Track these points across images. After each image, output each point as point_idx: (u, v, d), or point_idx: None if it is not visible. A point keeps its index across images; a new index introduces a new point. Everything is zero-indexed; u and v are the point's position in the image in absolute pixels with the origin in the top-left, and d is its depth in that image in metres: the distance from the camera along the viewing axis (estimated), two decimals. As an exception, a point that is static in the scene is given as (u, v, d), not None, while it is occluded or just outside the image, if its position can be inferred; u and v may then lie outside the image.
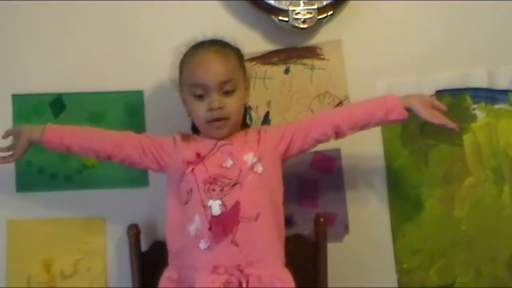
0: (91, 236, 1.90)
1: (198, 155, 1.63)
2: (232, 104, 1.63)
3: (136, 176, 1.89)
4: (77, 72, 1.90)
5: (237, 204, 1.59)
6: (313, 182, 1.93)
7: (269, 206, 1.63)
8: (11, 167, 1.88)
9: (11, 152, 1.70)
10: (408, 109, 1.66)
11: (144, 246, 1.85)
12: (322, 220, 1.83)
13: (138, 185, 1.91)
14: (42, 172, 1.90)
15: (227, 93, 1.63)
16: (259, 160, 1.63)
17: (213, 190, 1.60)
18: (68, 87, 1.90)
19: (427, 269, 1.93)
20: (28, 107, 1.89)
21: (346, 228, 1.93)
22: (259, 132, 1.68)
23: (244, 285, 1.57)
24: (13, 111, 1.89)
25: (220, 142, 1.65)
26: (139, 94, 1.91)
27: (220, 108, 1.62)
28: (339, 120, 1.66)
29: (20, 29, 1.90)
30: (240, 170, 1.61)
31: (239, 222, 1.59)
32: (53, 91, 1.90)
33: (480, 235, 1.93)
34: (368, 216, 1.93)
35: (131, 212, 1.89)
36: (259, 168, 1.62)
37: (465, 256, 1.93)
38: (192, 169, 1.62)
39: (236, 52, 1.69)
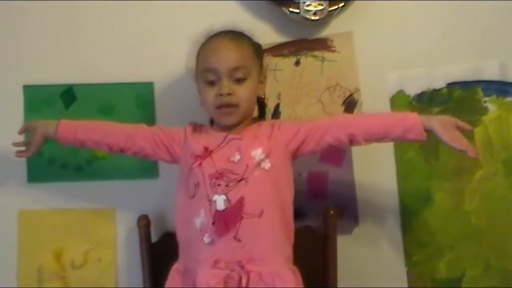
0: (101, 227, 1.91)
1: (206, 149, 1.63)
2: (242, 92, 1.63)
3: (146, 167, 1.90)
4: (88, 63, 1.90)
5: (241, 200, 1.59)
6: (323, 175, 1.93)
7: (274, 203, 1.62)
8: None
9: (26, 147, 1.73)
10: (429, 131, 1.61)
11: (154, 237, 1.86)
12: (331, 212, 1.82)
13: (149, 176, 1.91)
14: (53, 163, 1.91)
15: (238, 81, 1.63)
16: (267, 156, 1.62)
17: (219, 185, 1.60)
18: (79, 78, 1.90)
19: (436, 262, 1.93)
20: (39, 98, 1.89)
21: (355, 221, 1.93)
22: (272, 127, 1.67)
23: (244, 281, 1.56)
24: (24, 102, 1.90)
25: (230, 136, 1.65)
26: (149, 85, 1.91)
27: (229, 94, 1.61)
28: (355, 129, 1.64)
29: (32, 21, 1.90)
30: (247, 165, 1.61)
31: (242, 218, 1.58)
32: (64, 82, 1.90)
33: (490, 228, 1.92)
34: (377, 209, 1.93)
35: (141, 203, 1.90)
36: (266, 165, 1.62)
37: (475, 249, 1.92)
38: (200, 163, 1.62)
39: (253, 44, 1.69)
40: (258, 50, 1.71)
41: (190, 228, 1.63)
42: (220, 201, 1.59)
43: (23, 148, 1.73)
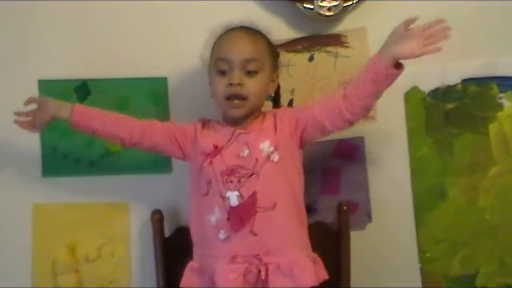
0: (115, 221, 1.92)
1: (215, 147, 1.64)
2: (252, 85, 1.63)
3: (159, 162, 1.91)
4: (102, 58, 1.91)
5: (254, 195, 1.59)
6: (336, 170, 1.92)
7: (286, 194, 1.63)
8: (36, 151, 1.91)
9: (30, 118, 1.71)
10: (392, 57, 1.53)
11: (167, 232, 1.87)
12: (345, 208, 1.83)
13: (162, 171, 1.92)
14: (67, 157, 1.92)
15: (250, 74, 1.63)
16: (276, 148, 1.62)
17: (231, 181, 1.61)
18: (93, 73, 1.91)
19: (450, 258, 1.92)
20: (54, 93, 1.89)
21: (368, 217, 1.93)
22: (275, 118, 1.67)
23: (263, 273, 1.58)
24: (39, 96, 1.91)
25: (237, 131, 1.65)
26: (163, 80, 1.91)
27: (239, 84, 1.62)
28: (347, 92, 1.59)
29: (46, 15, 1.91)
30: (257, 159, 1.61)
31: (256, 212, 1.59)
32: (78, 77, 1.91)
33: (504, 224, 1.91)
34: (391, 205, 1.93)
35: (155, 197, 1.90)
36: (275, 157, 1.62)
37: (489, 245, 1.91)
38: (211, 161, 1.63)
39: (268, 42, 1.70)
40: (272, 49, 1.72)
41: (205, 225, 1.63)
42: (233, 197, 1.60)
43: (25, 119, 1.71)
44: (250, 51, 1.64)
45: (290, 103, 1.92)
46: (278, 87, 1.77)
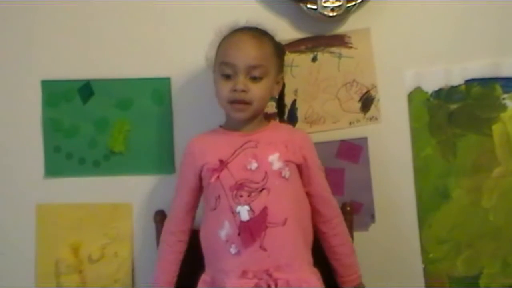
0: (118, 222, 1.92)
1: (221, 162, 1.62)
2: (256, 91, 1.63)
3: (163, 163, 1.91)
4: (105, 58, 1.91)
5: (264, 210, 1.59)
6: (340, 171, 1.92)
7: (296, 210, 1.63)
8: (39, 152, 1.91)
9: None
10: None
11: (170, 232, 1.87)
12: (348, 208, 1.83)
13: (165, 171, 1.91)
14: (70, 158, 1.92)
15: (255, 79, 1.63)
16: (286, 164, 1.62)
17: (241, 196, 1.60)
18: (96, 73, 1.91)
19: (453, 259, 1.92)
20: (57, 93, 1.90)
21: (372, 217, 1.93)
22: (289, 136, 1.68)
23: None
24: (42, 96, 1.91)
25: (245, 143, 1.64)
26: (166, 81, 1.91)
27: (243, 91, 1.61)
28: (329, 230, 1.69)
29: (49, 16, 1.91)
30: (266, 172, 1.61)
31: (266, 227, 1.59)
32: (81, 77, 1.91)
33: (508, 225, 1.91)
34: (394, 206, 1.93)
35: (158, 198, 1.90)
36: (286, 173, 1.62)
37: (493, 246, 1.91)
38: (218, 176, 1.62)
39: (274, 44, 1.69)
40: (279, 50, 1.71)
41: (215, 239, 1.62)
42: (244, 212, 1.59)
43: None
44: (255, 56, 1.62)
45: (293, 104, 1.92)
46: (283, 87, 1.77)
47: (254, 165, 1.61)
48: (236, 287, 1.57)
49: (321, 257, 1.69)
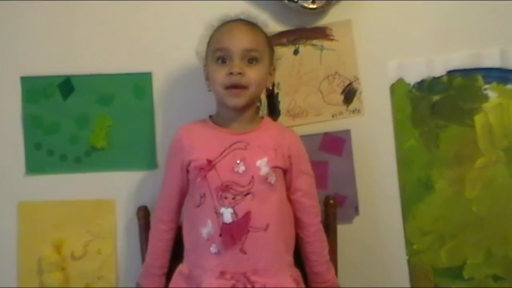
0: (101, 218, 1.90)
1: (209, 162, 1.61)
2: (253, 74, 1.62)
3: (145, 158, 1.90)
4: (85, 54, 1.89)
5: (248, 214, 1.59)
6: (323, 164, 1.92)
7: (278, 216, 1.63)
8: (20, 149, 1.89)
9: None
10: None
11: (153, 228, 1.86)
12: (332, 201, 1.82)
13: (147, 167, 1.90)
14: (51, 154, 1.90)
15: (250, 63, 1.62)
16: (273, 170, 1.62)
17: (225, 198, 1.59)
18: (76, 69, 1.89)
19: (437, 250, 1.92)
20: (37, 89, 1.88)
21: (356, 210, 1.92)
22: (281, 143, 1.66)
23: None
24: (22, 93, 1.89)
25: (233, 137, 1.63)
26: (147, 76, 1.90)
27: (240, 73, 1.60)
28: (305, 236, 1.69)
29: (29, 12, 1.89)
30: (252, 177, 1.60)
31: (248, 231, 1.59)
32: (61, 73, 1.89)
33: (491, 216, 1.91)
34: (378, 198, 1.93)
35: (141, 194, 1.89)
36: (272, 179, 1.62)
37: (476, 237, 1.92)
38: (205, 176, 1.61)
39: (265, 34, 1.69)
40: (270, 41, 1.71)
41: (197, 237, 1.62)
42: (227, 214, 1.59)
43: None
44: (250, 40, 1.62)
45: (276, 97, 1.91)
46: (273, 85, 1.76)
47: (241, 168, 1.61)
48: (214, 287, 1.57)
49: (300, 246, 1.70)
